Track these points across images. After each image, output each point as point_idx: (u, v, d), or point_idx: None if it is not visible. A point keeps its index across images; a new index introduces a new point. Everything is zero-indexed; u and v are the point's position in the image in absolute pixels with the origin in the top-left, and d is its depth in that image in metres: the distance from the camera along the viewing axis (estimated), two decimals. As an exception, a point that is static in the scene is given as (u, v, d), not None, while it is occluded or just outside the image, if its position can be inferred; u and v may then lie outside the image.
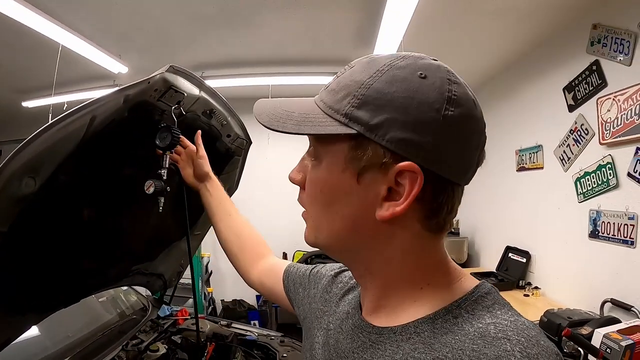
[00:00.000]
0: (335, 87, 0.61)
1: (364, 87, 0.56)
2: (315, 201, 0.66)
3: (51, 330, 1.71)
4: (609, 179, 2.63)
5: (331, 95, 0.61)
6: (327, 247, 0.68)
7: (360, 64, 0.61)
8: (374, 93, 0.56)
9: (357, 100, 0.56)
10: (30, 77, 4.51)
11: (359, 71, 0.59)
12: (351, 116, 0.56)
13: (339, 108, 0.58)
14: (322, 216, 0.66)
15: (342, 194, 0.61)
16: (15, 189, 0.99)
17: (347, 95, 0.58)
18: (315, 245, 0.69)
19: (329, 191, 0.63)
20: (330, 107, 0.59)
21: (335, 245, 0.67)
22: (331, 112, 0.59)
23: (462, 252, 4.56)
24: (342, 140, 0.59)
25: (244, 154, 1.83)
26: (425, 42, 3.46)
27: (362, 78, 0.57)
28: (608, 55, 2.66)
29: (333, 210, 0.63)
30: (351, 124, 0.56)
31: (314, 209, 0.67)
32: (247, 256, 1.20)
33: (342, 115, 0.57)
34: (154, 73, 1.16)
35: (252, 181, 3.31)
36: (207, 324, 2.14)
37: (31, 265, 1.26)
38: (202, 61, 4.11)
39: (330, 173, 0.62)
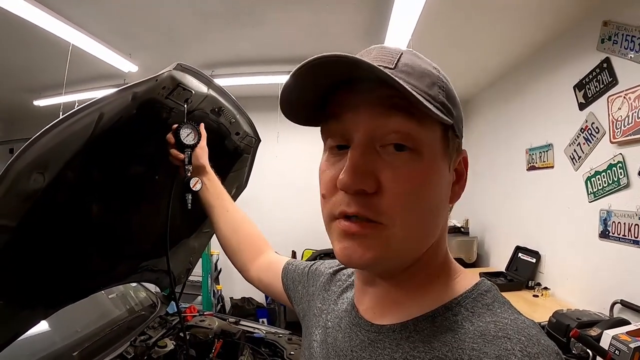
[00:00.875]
0: (412, 71, 0.56)
1: (441, 80, 0.58)
2: (418, 200, 0.56)
3: (60, 325, 1.72)
4: (619, 179, 2.60)
5: (414, 78, 0.55)
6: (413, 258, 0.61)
7: (410, 54, 0.59)
8: (448, 88, 0.59)
9: (443, 92, 0.57)
10: (41, 76, 4.57)
11: (420, 62, 0.59)
12: (445, 106, 0.57)
13: (434, 95, 0.56)
14: (423, 218, 0.57)
15: (441, 186, 0.59)
16: (24, 184, 1.00)
17: (433, 84, 0.56)
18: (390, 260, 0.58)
19: (434, 184, 0.57)
20: (425, 92, 0.54)
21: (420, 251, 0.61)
22: (428, 97, 0.54)
23: (472, 251, 4.53)
24: (436, 128, 0.57)
25: (253, 152, 1.83)
26: (433, 41, 3.44)
27: (431, 70, 0.58)
28: (619, 53, 2.63)
29: (434, 205, 0.58)
30: (447, 113, 0.56)
31: (414, 211, 0.56)
32: (245, 252, 1.19)
33: (438, 103, 0.56)
34: (162, 71, 1.16)
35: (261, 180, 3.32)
36: (216, 321, 2.15)
37: (40, 261, 1.27)
38: (212, 59, 4.13)
39: (434, 164, 0.57)
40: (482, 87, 4.72)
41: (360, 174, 0.53)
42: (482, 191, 4.61)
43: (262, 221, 5.46)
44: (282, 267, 1.06)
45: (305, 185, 5.54)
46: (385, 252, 0.56)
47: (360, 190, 0.54)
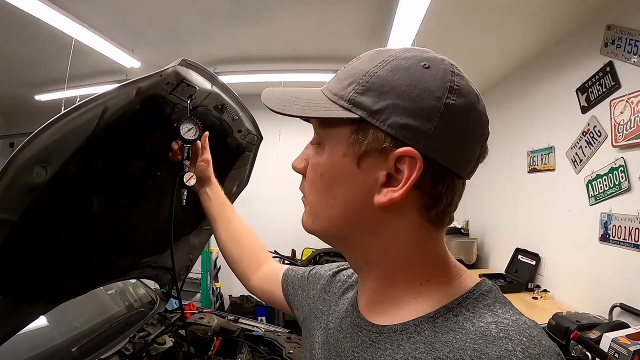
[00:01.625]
0: (342, 76, 0.63)
1: (369, 75, 0.58)
2: (314, 186, 0.67)
3: (59, 320, 1.72)
4: (621, 182, 2.60)
5: (337, 83, 0.62)
6: (324, 232, 0.68)
7: (367, 55, 0.63)
8: (377, 80, 0.57)
9: (361, 87, 0.58)
10: (43, 71, 4.57)
11: (365, 61, 0.61)
12: (354, 101, 0.58)
13: (343, 94, 0.59)
14: (320, 201, 0.66)
15: (341, 179, 0.62)
16: (26, 178, 1.00)
17: (352, 82, 0.59)
18: (312, 231, 0.69)
19: (329, 176, 0.63)
20: (335, 94, 0.61)
21: (333, 231, 0.67)
22: (335, 99, 0.60)
23: (472, 253, 4.53)
24: (344, 125, 0.60)
25: (254, 150, 1.83)
26: (437, 41, 3.44)
27: (367, 67, 0.59)
28: (622, 57, 2.62)
29: (332, 195, 0.64)
30: (354, 109, 0.58)
31: (312, 194, 0.68)
32: (247, 263, 1.19)
33: (345, 100, 0.59)
34: (167, 66, 1.16)
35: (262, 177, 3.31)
36: (215, 319, 2.15)
37: (41, 255, 1.27)
38: (215, 57, 4.13)
39: (331, 157, 0.63)
40: (484, 89, 4.70)
41: (299, 160, 0.71)
42: (483, 192, 4.60)
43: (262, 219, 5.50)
44: (282, 275, 1.06)
45: (305, 184, 5.54)
46: (310, 222, 0.69)
47: (298, 171, 0.72)
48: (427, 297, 0.60)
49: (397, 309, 0.62)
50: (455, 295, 0.59)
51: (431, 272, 0.62)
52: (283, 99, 0.66)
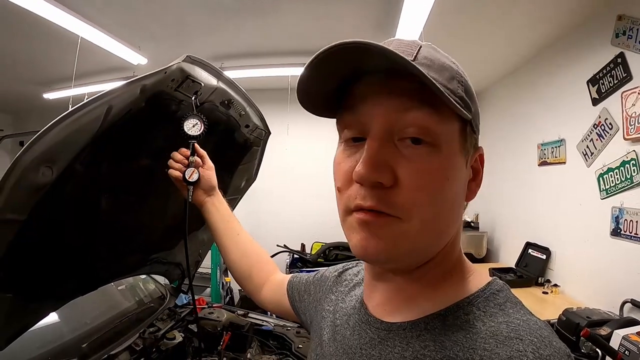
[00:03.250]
0: (431, 64, 0.55)
1: (459, 74, 0.57)
2: (437, 195, 0.55)
3: (69, 317, 1.73)
4: (632, 176, 2.56)
5: (433, 71, 0.54)
6: (429, 254, 0.60)
7: (428, 48, 0.59)
8: (466, 82, 0.58)
9: (462, 86, 0.57)
10: (50, 69, 4.60)
11: (438, 56, 0.59)
12: (464, 101, 0.56)
13: (453, 89, 0.55)
14: (442, 212, 0.57)
15: (459, 181, 0.59)
16: (33, 178, 1.00)
17: (452, 77, 0.56)
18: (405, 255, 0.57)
19: (451, 180, 0.56)
20: (445, 86, 0.53)
21: (435, 246, 0.60)
22: (448, 92, 0.53)
23: (482, 247, 4.51)
24: (455, 123, 0.57)
25: (262, 145, 1.83)
26: (445, 35, 3.40)
27: (450, 64, 0.58)
28: (633, 48, 2.58)
29: (452, 200, 0.58)
30: (465, 108, 0.56)
31: (432, 206, 0.55)
32: (256, 277, 1.16)
33: (458, 97, 0.55)
34: (171, 63, 1.16)
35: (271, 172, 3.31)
36: (224, 313, 2.16)
37: (50, 253, 1.27)
38: (221, 52, 4.12)
39: (452, 158, 0.56)
40: (494, 81, 4.67)
41: (377, 166, 0.53)
42: (493, 186, 4.57)
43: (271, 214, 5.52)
44: (287, 283, 1.06)
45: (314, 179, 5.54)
46: (401, 245, 0.55)
47: (377, 183, 0.53)
48: (441, 294, 0.60)
49: (408, 307, 0.62)
50: (466, 293, 0.59)
51: (454, 268, 0.63)
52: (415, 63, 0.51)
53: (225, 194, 1.93)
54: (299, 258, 4.73)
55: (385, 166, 0.53)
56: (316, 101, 0.60)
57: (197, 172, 1.22)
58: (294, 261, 4.69)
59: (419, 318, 0.59)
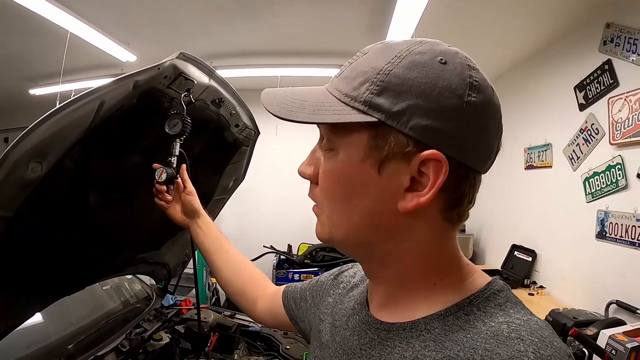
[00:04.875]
0: (350, 74, 0.58)
1: (383, 73, 0.54)
2: (331, 194, 0.62)
3: (55, 317, 1.70)
4: (618, 180, 2.60)
5: (346, 82, 0.57)
6: (342, 242, 0.65)
7: (375, 50, 0.58)
8: (394, 79, 0.53)
9: (376, 87, 0.53)
10: (37, 65, 4.53)
11: (375, 57, 0.56)
12: (371, 103, 0.53)
13: (357, 95, 0.55)
14: (338, 210, 0.62)
15: (361, 186, 0.58)
16: (22, 173, 0.98)
17: (365, 81, 0.55)
18: (330, 241, 0.65)
19: (347, 183, 0.59)
20: (347, 95, 0.56)
21: (352, 240, 0.63)
22: (348, 100, 0.55)
23: (468, 249, 4.53)
24: (360, 129, 0.55)
25: (251, 145, 1.82)
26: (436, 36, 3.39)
27: (379, 64, 0.55)
28: (620, 55, 2.62)
29: (351, 203, 0.60)
30: (371, 111, 0.53)
31: (329, 203, 0.63)
32: (250, 293, 1.14)
33: (360, 102, 0.54)
34: (164, 59, 1.14)
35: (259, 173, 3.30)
36: (211, 314, 2.14)
37: (37, 251, 1.25)
38: (212, 51, 4.09)
39: (348, 164, 0.58)
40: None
41: (306, 165, 0.67)
42: (480, 189, 4.57)
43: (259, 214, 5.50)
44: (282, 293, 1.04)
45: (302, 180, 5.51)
46: (327, 232, 0.64)
47: (305, 177, 0.67)
48: (439, 295, 0.59)
49: (408, 308, 0.61)
50: (467, 294, 0.58)
51: (445, 272, 0.61)
52: (287, 103, 0.61)
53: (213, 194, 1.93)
54: (286, 259, 4.72)
55: (313, 166, 0.65)
56: None
57: (165, 172, 1.21)
58: (281, 262, 4.67)
59: (419, 318, 0.58)
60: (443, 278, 0.61)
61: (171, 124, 1.23)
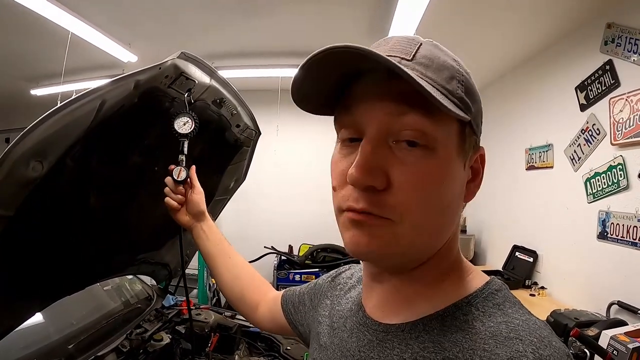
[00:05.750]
0: (430, 63, 0.54)
1: (460, 73, 0.56)
2: (428, 197, 0.54)
3: (55, 317, 1.70)
4: (619, 180, 2.60)
5: (431, 71, 0.54)
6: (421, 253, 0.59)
7: (431, 45, 0.58)
8: (467, 81, 0.57)
9: (462, 86, 0.55)
10: (39, 65, 4.52)
11: (439, 54, 0.57)
12: (464, 101, 0.55)
13: (452, 90, 0.54)
14: (432, 214, 0.56)
15: (455, 183, 0.57)
16: (23, 172, 0.98)
17: (452, 77, 0.54)
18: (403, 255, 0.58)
19: (446, 181, 0.55)
20: (443, 86, 0.53)
21: (429, 247, 0.59)
22: (446, 92, 0.53)
23: (469, 249, 4.53)
24: (452, 124, 0.55)
25: (252, 145, 1.81)
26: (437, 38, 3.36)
27: (451, 63, 0.56)
28: (622, 55, 2.62)
29: (445, 203, 0.57)
30: (464, 109, 0.54)
31: (422, 208, 0.54)
32: (249, 299, 1.14)
33: (457, 98, 0.54)
34: (166, 59, 1.14)
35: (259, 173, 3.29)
36: (212, 315, 2.14)
37: (37, 251, 1.25)
38: (213, 51, 4.09)
39: (447, 160, 0.55)
40: (484, 85, 4.69)
41: (370, 169, 0.52)
42: (481, 189, 4.56)
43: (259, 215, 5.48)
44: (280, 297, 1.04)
45: (303, 180, 5.52)
46: (393, 246, 0.55)
47: (370, 186, 0.53)
48: (439, 294, 0.59)
49: (408, 308, 0.61)
50: (465, 293, 0.58)
51: (452, 268, 0.62)
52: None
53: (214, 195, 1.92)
54: (287, 260, 4.70)
55: (378, 170, 0.53)
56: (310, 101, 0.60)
57: (184, 170, 1.20)
58: (282, 263, 4.66)
59: (418, 319, 0.58)
60: (450, 274, 0.61)
61: (180, 122, 1.22)
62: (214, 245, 1.21)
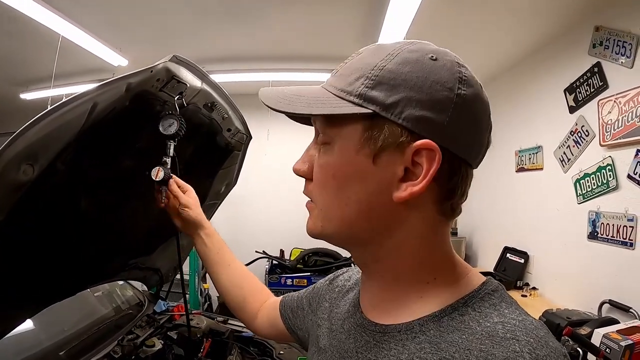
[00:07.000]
0: (345, 71, 0.60)
1: (377, 69, 0.56)
2: (326, 187, 0.62)
3: (46, 323, 1.69)
4: (608, 181, 2.63)
5: (341, 79, 0.60)
6: (335, 235, 0.65)
7: (369, 50, 0.61)
8: (387, 73, 0.55)
9: (370, 81, 0.56)
10: (28, 69, 4.47)
11: (369, 56, 0.59)
12: (366, 96, 0.55)
13: (352, 90, 0.57)
14: (333, 203, 0.62)
15: (356, 177, 0.59)
16: (14, 175, 0.97)
17: (360, 77, 0.57)
18: (321, 236, 0.65)
19: (343, 175, 0.60)
20: (342, 90, 0.58)
21: (345, 233, 0.63)
22: (343, 95, 0.58)
23: (460, 252, 4.55)
24: (355, 122, 0.57)
25: (243, 149, 1.81)
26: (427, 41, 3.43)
27: (373, 61, 0.57)
28: (610, 58, 2.65)
29: (346, 195, 0.60)
30: (366, 104, 0.55)
31: (323, 197, 0.63)
32: (249, 306, 1.14)
33: (355, 96, 0.56)
34: (157, 62, 1.14)
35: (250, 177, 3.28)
36: (204, 320, 2.12)
37: (27, 256, 1.24)
38: (203, 56, 4.07)
39: (343, 156, 0.59)
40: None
41: (301, 162, 0.67)
42: (471, 192, 4.54)
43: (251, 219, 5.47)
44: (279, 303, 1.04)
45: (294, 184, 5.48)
46: (319, 226, 0.64)
47: (300, 174, 0.67)
48: (433, 296, 0.59)
49: (402, 309, 0.61)
50: (461, 294, 0.58)
51: (439, 270, 0.61)
52: (285, 98, 0.63)
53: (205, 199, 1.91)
54: (278, 264, 4.68)
55: (307, 164, 0.66)
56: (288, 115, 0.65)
57: (162, 170, 1.17)
58: (273, 267, 4.64)
59: (414, 320, 0.58)
60: (436, 277, 0.61)
61: (166, 124, 1.21)
62: (214, 253, 1.20)
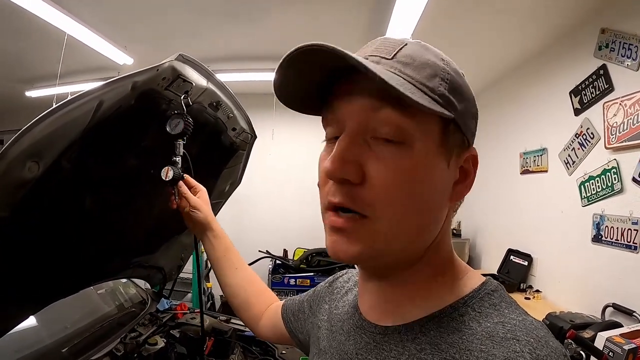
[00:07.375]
0: (411, 61, 0.54)
1: (447, 72, 0.56)
2: (402, 195, 0.54)
3: (49, 321, 1.69)
4: (613, 184, 2.61)
5: (411, 68, 0.54)
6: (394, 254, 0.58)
7: (416, 45, 0.58)
8: (454, 79, 0.56)
9: (445, 84, 0.55)
10: (34, 66, 4.50)
11: (424, 52, 0.57)
12: (447, 99, 0.54)
13: (433, 87, 0.54)
14: (407, 212, 0.55)
15: (435, 181, 0.56)
16: (18, 172, 0.97)
17: (434, 75, 0.54)
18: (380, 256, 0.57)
19: (424, 178, 0.55)
20: (423, 84, 0.53)
21: (413, 247, 0.59)
22: (426, 89, 0.53)
23: (464, 253, 4.54)
24: (433, 121, 0.55)
25: (248, 149, 1.81)
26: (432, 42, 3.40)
27: (435, 61, 0.56)
28: (615, 60, 2.64)
29: (424, 201, 0.56)
30: (447, 106, 0.54)
31: (395, 207, 0.54)
32: (254, 310, 1.13)
33: (438, 95, 0.54)
34: (163, 61, 1.14)
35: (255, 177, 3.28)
36: (207, 319, 2.12)
37: (31, 253, 1.24)
38: (208, 55, 4.08)
39: (426, 157, 0.54)
40: (478, 91, 4.72)
41: (344, 162, 0.53)
42: (475, 193, 4.53)
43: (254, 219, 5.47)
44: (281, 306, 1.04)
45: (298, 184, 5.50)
46: (371, 247, 0.55)
47: (344, 179, 0.54)
48: (434, 295, 0.59)
49: (402, 309, 0.61)
50: (461, 294, 0.58)
51: (444, 269, 0.62)
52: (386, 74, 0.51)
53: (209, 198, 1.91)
54: (281, 264, 4.69)
55: (353, 163, 0.53)
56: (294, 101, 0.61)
57: (172, 170, 1.17)
58: (276, 267, 4.65)
59: (414, 321, 0.58)
60: (443, 275, 0.61)
61: (173, 124, 1.21)
62: (221, 255, 1.19)
